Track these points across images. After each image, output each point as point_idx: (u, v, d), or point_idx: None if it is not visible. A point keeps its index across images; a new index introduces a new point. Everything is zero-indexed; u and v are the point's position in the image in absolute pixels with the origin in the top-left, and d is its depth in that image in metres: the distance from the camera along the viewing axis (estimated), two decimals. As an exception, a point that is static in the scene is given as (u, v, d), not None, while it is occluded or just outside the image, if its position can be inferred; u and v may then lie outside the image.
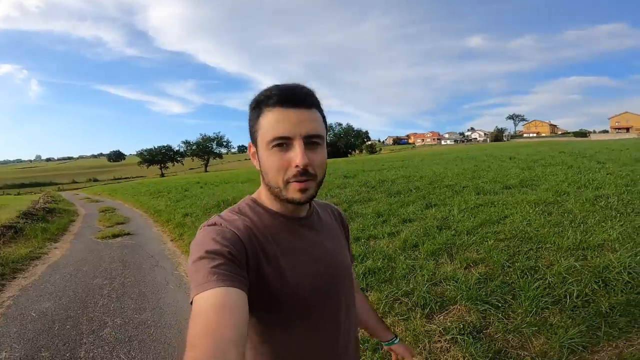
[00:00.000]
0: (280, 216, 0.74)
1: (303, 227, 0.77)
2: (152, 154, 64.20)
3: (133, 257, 5.10)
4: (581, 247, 3.29)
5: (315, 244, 0.77)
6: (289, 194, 0.68)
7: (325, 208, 0.90)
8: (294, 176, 0.66)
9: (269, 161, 0.67)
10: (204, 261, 0.60)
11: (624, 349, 1.95)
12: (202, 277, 0.58)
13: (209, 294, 0.55)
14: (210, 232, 0.66)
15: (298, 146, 0.65)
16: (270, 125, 0.66)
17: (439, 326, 2.28)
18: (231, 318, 0.52)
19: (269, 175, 0.69)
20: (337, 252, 0.83)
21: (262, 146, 0.68)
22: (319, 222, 0.82)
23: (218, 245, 0.62)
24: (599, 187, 6.20)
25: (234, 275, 0.59)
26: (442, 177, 9.52)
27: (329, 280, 0.76)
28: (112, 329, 2.86)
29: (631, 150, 14.51)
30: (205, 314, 0.53)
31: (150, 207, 10.46)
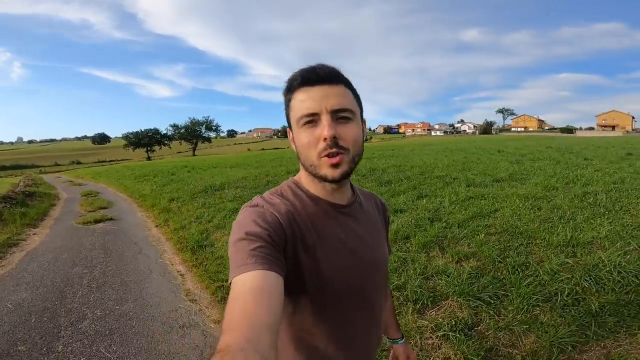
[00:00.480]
0: (321, 201, 0.73)
1: (344, 216, 0.76)
2: (139, 137, 62.67)
3: (115, 243, 4.93)
4: (571, 244, 3.29)
5: (354, 235, 0.76)
6: (322, 170, 0.67)
7: (369, 198, 0.88)
8: (324, 149, 0.65)
9: (300, 139, 0.68)
10: (243, 242, 0.61)
11: (611, 349, 1.95)
12: (241, 259, 0.59)
13: (248, 277, 0.56)
14: (252, 213, 0.66)
15: (325, 120, 0.65)
16: (297, 105, 0.67)
17: (430, 322, 2.24)
18: (268, 302, 0.53)
19: (302, 154, 0.69)
20: (376, 247, 0.81)
21: (294, 127, 0.69)
22: (361, 212, 0.81)
23: (258, 228, 0.63)
24: (587, 183, 6.26)
25: (272, 259, 0.60)
26: (433, 168, 9.53)
27: (363, 275, 0.76)
28: (91, 321, 2.73)
29: (617, 148, 14.81)
30: (243, 297, 0.53)
31: (134, 191, 10.20)
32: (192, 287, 3.31)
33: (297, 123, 0.67)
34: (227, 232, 4.79)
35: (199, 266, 3.78)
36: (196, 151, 64.42)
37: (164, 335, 2.48)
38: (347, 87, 0.69)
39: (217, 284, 3.20)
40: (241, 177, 10.27)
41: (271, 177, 9.84)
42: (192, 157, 38.18)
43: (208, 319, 2.68)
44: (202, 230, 5.03)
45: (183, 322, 2.65)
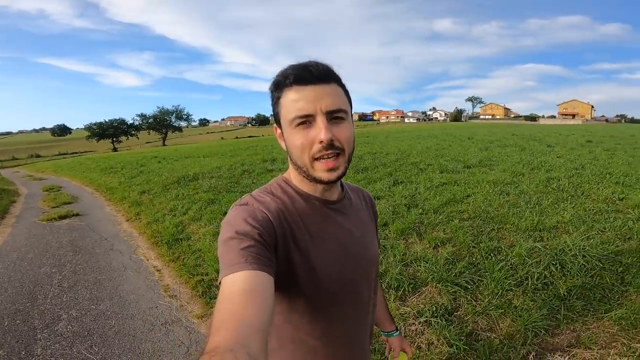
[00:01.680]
0: (311, 198, 0.73)
1: (334, 212, 0.75)
2: (103, 128, 59.31)
3: (84, 240, 4.69)
4: (538, 229, 3.48)
5: (345, 231, 0.76)
6: (316, 172, 0.67)
7: (357, 192, 0.88)
8: (319, 152, 0.65)
9: (293, 140, 0.66)
10: (233, 242, 0.60)
11: (581, 333, 2.05)
12: (231, 259, 0.58)
13: (238, 277, 0.55)
14: (242, 212, 0.66)
15: (321, 122, 0.63)
16: (290, 104, 0.65)
17: (412, 308, 2.31)
18: (257, 303, 0.52)
19: (294, 155, 0.68)
20: (367, 242, 0.82)
21: (285, 126, 0.67)
22: (350, 207, 0.81)
23: (249, 227, 0.62)
24: (550, 169, 6.61)
25: (262, 259, 0.59)
26: (407, 155, 9.72)
27: (356, 271, 0.77)
28: (67, 322, 2.62)
29: (577, 136, 15.73)
30: (232, 297, 0.53)
31: (101, 185, 9.73)
32: (171, 283, 3.22)
33: (289, 123, 0.66)
34: (204, 224, 4.69)
35: (176, 260, 3.69)
36: (166, 141, 62.11)
37: (146, 334, 2.41)
38: (339, 85, 0.68)
39: (196, 278, 3.14)
40: (216, 166, 10.03)
41: (247, 165, 9.68)
42: (162, 148, 36.82)
43: (190, 315, 2.63)
44: (177, 223, 4.90)
45: (165, 319, 2.59)
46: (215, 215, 4.94)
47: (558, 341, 2.01)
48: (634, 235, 3.16)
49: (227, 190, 6.56)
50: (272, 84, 0.69)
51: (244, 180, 7.50)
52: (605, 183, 5.22)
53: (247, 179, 7.74)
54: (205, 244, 3.93)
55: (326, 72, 0.66)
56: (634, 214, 3.77)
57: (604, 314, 2.15)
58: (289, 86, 0.65)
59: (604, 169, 6.32)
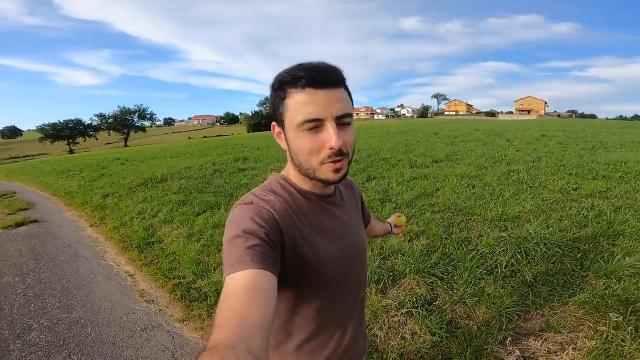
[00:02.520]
0: (310, 195, 0.76)
1: (330, 205, 0.80)
2: (57, 129, 55.57)
3: (45, 248, 4.41)
4: (502, 219, 3.69)
5: (340, 222, 0.80)
6: (323, 174, 0.69)
7: (344, 184, 0.91)
8: (328, 157, 0.66)
9: (300, 144, 0.67)
10: (239, 240, 0.60)
11: (549, 317, 2.17)
12: (236, 257, 0.58)
13: (242, 275, 0.56)
14: (248, 210, 0.66)
15: (331, 128, 0.64)
16: (299, 107, 0.64)
17: (394, 300, 2.38)
18: (260, 302, 0.53)
19: (300, 157, 0.69)
20: (359, 229, 0.87)
21: (290, 128, 0.67)
22: (342, 199, 0.85)
23: (255, 225, 0.63)
24: (510, 162, 7.02)
25: (267, 258, 0.60)
26: (378, 151, 9.93)
27: (352, 257, 0.81)
28: (39, 332, 2.48)
29: (532, 130, 16.75)
30: (235, 295, 0.53)
31: (59, 189, 9.12)
32: (146, 287, 3.11)
33: (296, 126, 0.65)
34: (176, 227, 4.55)
35: (149, 265, 3.56)
36: (129, 142, 59.22)
37: (126, 341, 2.34)
38: (345, 88, 0.69)
39: (173, 282, 3.05)
40: (185, 167, 9.71)
41: (218, 165, 9.47)
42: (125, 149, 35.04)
43: (171, 319, 2.57)
44: (146, 226, 4.72)
45: (144, 325, 2.50)
46: (187, 217, 4.81)
47: (530, 326, 2.12)
48: (589, 222, 3.44)
49: (199, 191, 6.39)
50: (276, 82, 0.68)
51: (216, 180, 7.33)
52: (559, 174, 5.61)
53: (219, 178, 7.57)
54: (179, 247, 3.83)
55: (338, 77, 0.66)
56: (587, 202, 4.10)
57: (568, 299, 2.29)
58: (300, 88, 0.64)
59: (558, 161, 6.80)
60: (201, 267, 3.27)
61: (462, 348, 1.96)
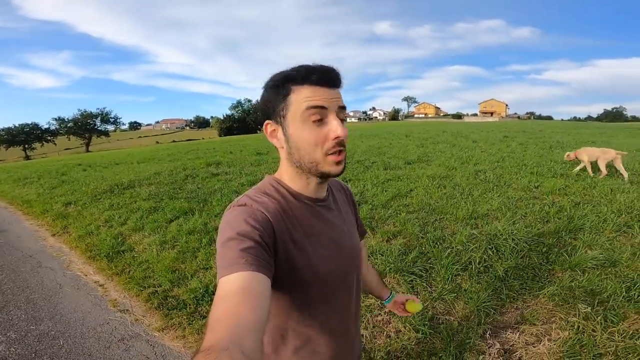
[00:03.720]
0: (302, 197, 0.76)
1: (324, 209, 0.79)
2: (12, 134, 51.96)
3: (4, 258, 4.11)
4: (473, 217, 3.85)
5: (334, 226, 0.80)
6: (326, 167, 0.70)
7: (337, 187, 0.92)
8: (332, 148, 0.68)
9: (305, 136, 0.68)
10: (233, 242, 0.60)
11: (523, 310, 2.28)
12: (230, 259, 0.58)
13: (236, 277, 0.56)
14: (242, 212, 0.66)
15: (334, 118, 0.67)
16: (304, 99, 0.67)
17: (376, 300, 2.41)
18: (254, 304, 0.53)
19: (303, 150, 0.69)
20: (352, 234, 0.87)
21: (294, 121, 0.68)
22: (335, 203, 0.85)
23: (249, 227, 0.63)
24: (477, 162, 7.35)
25: (261, 261, 0.60)
26: (353, 153, 10.06)
27: (346, 262, 0.81)
28: (8, 345, 2.35)
29: (495, 132, 17.60)
30: (229, 297, 0.53)
31: (15, 197, 8.52)
32: (119, 297, 2.98)
33: (300, 116, 0.67)
34: (148, 234, 4.39)
35: (120, 274, 3.41)
36: (91, 147, 56.21)
37: (103, 351, 2.24)
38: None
39: (148, 290, 2.94)
40: (154, 172, 9.36)
41: (190, 170, 9.20)
42: (86, 154, 33.26)
43: (150, 328, 2.48)
44: (115, 234, 4.51)
45: (121, 335, 2.41)
46: (159, 224, 4.65)
47: (507, 319, 2.22)
48: (551, 218, 3.67)
49: (170, 197, 6.18)
50: (277, 79, 0.69)
51: (188, 186, 7.12)
52: (522, 173, 5.96)
53: (191, 184, 7.36)
54: (152, 255, 3.69)
55: (340, 78, 0.70)
56: (548, 199, 4.38)
57: (538, 292, 2.41)
58: (309, 84, 0.67)
59: (520, 161, 7.21)
60: (177, 275, 3.17)
61: (445, 343, 2.03)
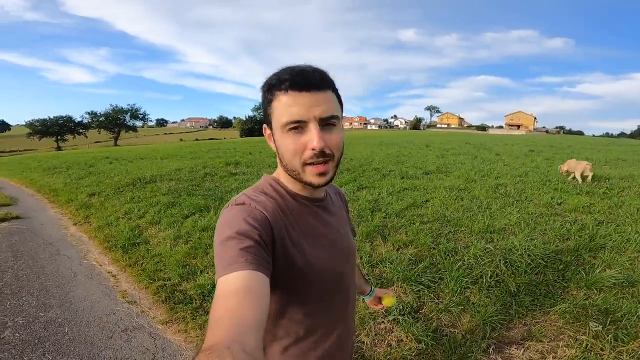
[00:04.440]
0: (301, 198, 0.76)
1: (321, 210, 0.80)
2: (46, 125, 54.67)
3: (25, 245, 4.30)
4: (489, 231, 3.74)
5: (330, 227, 0.80)
6: (307, 177, 0.69)
7: (334, 190, 0.92)
8: (310, 158, 0.67)
9: (285, 145, 0.68)
10: (233, 242, 0.60)
11: (531, 326, 2.22)
12: (230, 258, 0.58)
13: (236, 276, 0.56)
14: (241, 211, 0.66)
15: (314, 128, 0.65)
16: (283, 109, 0.66)
17: (381, 308, 2.37)
18: (254, 303, 0.53)
19: (285, 158, 0.70)
20: (348, 236, 0.87)
21: (277, 129, 0.68)
22: (332, 204, 0.86)
23: (248, 226, 0.63)
24: (498, 176, 7.14)
25: (260, 260, 0.60)
26: (370, 161, 10.00)
27: (341, 262, 0.82)
28: (14, 330, 2.42)
29: (521, 146, 17.11)
30: (229, 296, 0.53)
31: (43, 186, 8.94)
32: (129, 288, 3.05)
33: (281, 127, 0.67)
34: (163, 228, 4.50)
35: (133, 265, 3.50)
36: (119, 141, 58.49)
37: (105, 341, 2.28)
38: (332, 91, 0.70)
39: (157, 284, 3.00)
40: (175, 168, 9.63)
41: (209, 168, 9.41)
42: (114, 148, 34.63)
43: (154, 321, 2.52)
44: (133, 226, 4.64)
45: (125, 326, 2.46)
46: (175, 219, 4.75)
47: (513, 334, 2.16)
48: (572, 235, 3.52)
49: (189, 194, 6.33)
50: (265, 85, 0.69)
51: (207, 184, 7.28)
52: (545, 189, 5.74)
53: (209, 182, 7.52)
54: (165, 249, 3.78)
55: (322, 79, 0.67)
56: (570, 216, 4.20)
57: (550, 308, 2.34)
58: (284, 91, 0.65)
59: (544, 177, 6.95)
60: (187, 270, 3.22)
61: (447, 356, 1.98)
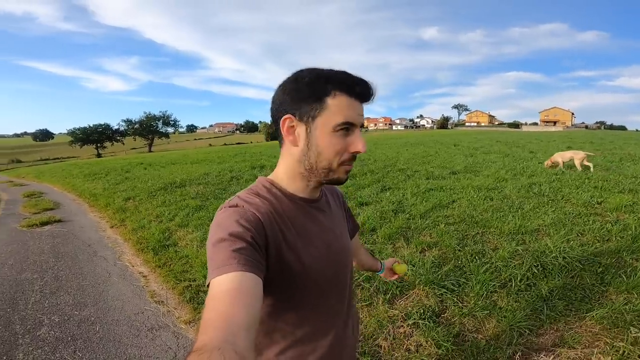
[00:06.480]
0: (295, 198, 0.76)
1: (316, 211, 0.80)
2: (87, 133, 58.20)
3: (66, 247, 4.59)
4: (520, 232, 3.57)
5: (326, 228, 0.80)
6: (337, 174, 0.73)
7: (330, 190, 0.92)
8: (349, 160, 0.72)
9: (330, 144, 0.69)
10: (225, 243, 0.61)
11: (564, 332, 2.09)
12: (222, 260, 0.58)
13: (227, 278, 0.56)
14: (233, 213, 0.66)
15: (359, 134, 0.71)
16: (340, 109, 0.68)
17: (400, 311, 2.33)
18: (246, 304, 0.53)
19: (323, 156, 0.70)
20: (344, 237, 0.87)
21: (323, 126, 0.69)
22: (328, 205, 0.86)
23: (241, 228, 0.63)
24: (532, 175, 6.80)
25: (253, 261, 0.60)
26: (395, 161, 9.85)
27: (337, 264, 0.81)
28: (49, 327, 2.56)
29: (557, 142, 16.21)
30: (221, 297, 0.53)
31: (84, 191, 9.51)
32: (157, 289, 3.18)
33: (333, 126, 0.68)
34: (191, 231, 4.64)
35: (162, 266, 3.64)
36: (153, 147, 61.25)
37: (132, 339, 2.38)
38: None
39: (184, 284, 3.10)
40: (203, 173, 9.95)
41: (235, 172, 9.64)
42: (149, 154, 36.29)
43: (178, 320, 2.60)
44: (163, 229, 4.83)
45: (151, 325, 2.55)
46: (202, 222, 4.90)
47: (542, 341, 2.05)
48: (612, 237, 3.28)
49: (215, 197, 6.52)
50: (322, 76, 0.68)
51: (232, 187, 7.46)
52: (584, 187, 5.40)
53: (235, 185, 7.70)
54: (192, 250, 3.90)
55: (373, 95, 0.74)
56: (611, 216, 3.92)
57: (585, 314, 2.21)
58: (348, 95, 0.69)
59: (583, 174, 6.54)
60: (212, 271, 3.31)
61: (468, 363, 1.89)
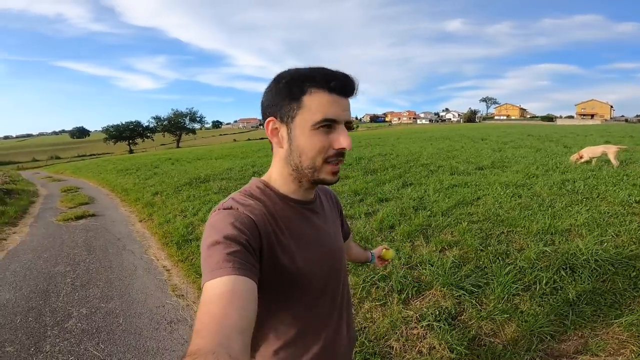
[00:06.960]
0: (290, 200, 0.75)
1: (310, 212, 0.79)
2: (120, 130, 60.94)
3: (98, 240, 4.83)
4: (549, 232, 3.38)
5: (320, 229, 0.80)
6: (322, 174, 0.71)
7: (324, 192, 0.92)
8: (334, 156, 0.69)
9: (311, 142, 0.68)
10: (220, 246, 0.60)
11: (589, 339, 1.99)
12: (216, 263, 0.58)
13: (221, 281, 0.55)
14: (228, 216, 0.66)
15: (343, 129, 0.69)
16: (319, 107, 0.66)
17: (415, 312, 2.27)
18: (240, 307, 0.53)
19: (305, 155, 0.69)
20: (337, 238, 0.87)
21: (303, 126, 0.68)
22: (321, 206, 0.85)
23: (236, 231, 0.62)
24: (565, 171, 6.44)
25: (247, 264, 0.60)
26: (418, 156, 9.63)
27: (331, 265, 0.81)
28: (77, 319, 2.70)
29: (595, 136, 15.26)
30: (215, 300, 0.53)
31: (117, 186, 9.96)
32: (179, 283, 3.28)
33: (312, 125, 0.66)
34: (214, 226, 4.75)
35: (184, 261, 3.75)
36: (180, 143, 63.24)
37: (151, 332, 2.47)
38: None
39: (203, 279, 3.19)
40: (227, 168, 10.17)
41: (257, 167, 9.78)
42: (176, 150, 37.49)
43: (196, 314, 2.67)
44: (187, 224, 4.98)
45: (171, 318, 2.64)
46: (224, 217, 5.01)
47: (564, 347, 1.95)
48: (650, 239, 3.05)
49: (237, 192, 6.64)
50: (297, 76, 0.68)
51: (254, 182, 7.57)
52: (622, 185, 5.05)
53: (257, 180, 7.81)
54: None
55: (356, 89, 0.71)
56: (651, 217, 3.64)
57: (613, 320, 2.08)
58: (328, 91, 0.67)
59: (621, 171, 6.13)
60: (231, 266, 3.37)
61: (483, 368, 1.82)
